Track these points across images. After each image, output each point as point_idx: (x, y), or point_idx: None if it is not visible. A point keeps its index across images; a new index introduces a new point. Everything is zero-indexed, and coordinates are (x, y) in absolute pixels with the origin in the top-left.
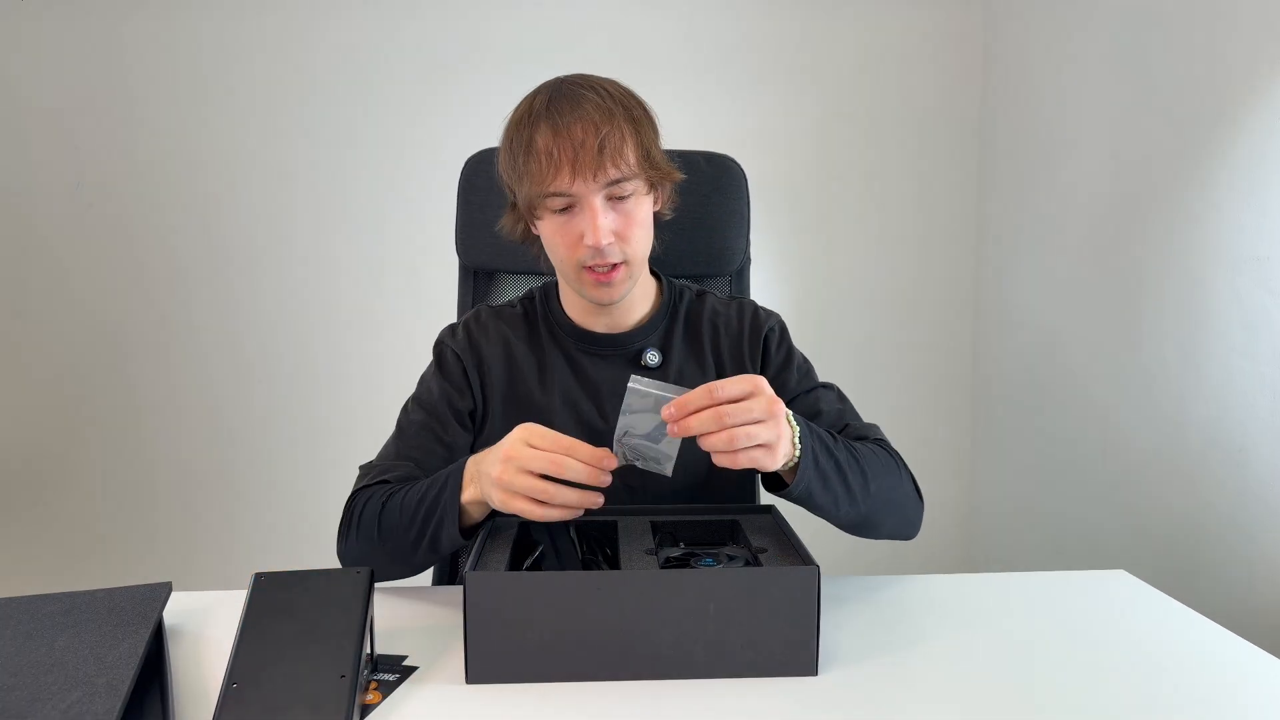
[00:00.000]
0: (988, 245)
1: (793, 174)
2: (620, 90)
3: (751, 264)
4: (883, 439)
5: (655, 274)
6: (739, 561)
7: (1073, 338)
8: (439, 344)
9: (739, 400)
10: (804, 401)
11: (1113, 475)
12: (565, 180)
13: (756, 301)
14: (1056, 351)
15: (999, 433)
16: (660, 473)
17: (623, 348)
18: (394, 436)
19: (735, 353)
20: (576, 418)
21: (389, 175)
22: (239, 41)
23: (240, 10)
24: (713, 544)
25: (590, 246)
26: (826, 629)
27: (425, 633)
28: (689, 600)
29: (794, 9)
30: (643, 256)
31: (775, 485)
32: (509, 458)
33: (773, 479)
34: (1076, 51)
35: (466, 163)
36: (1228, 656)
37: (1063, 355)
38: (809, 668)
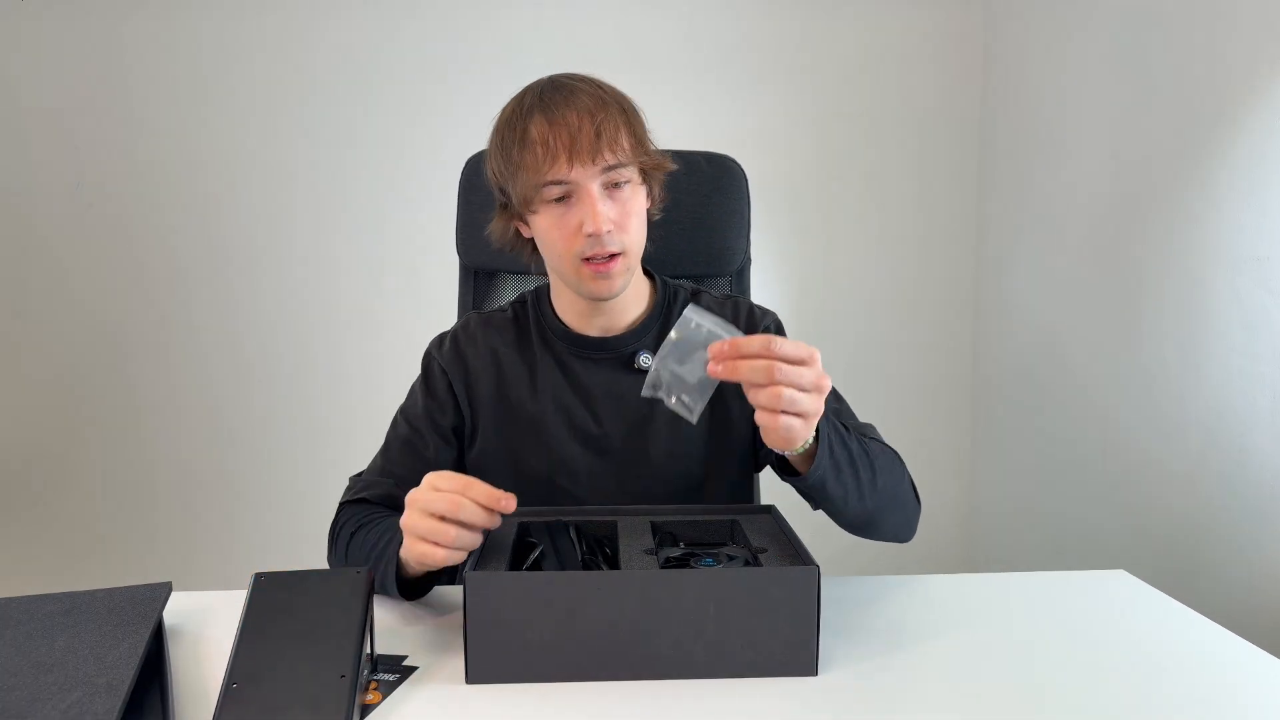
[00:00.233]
0: (987, 245)
1: (793, 174)
2: (609, 85)
3: (751, 264)
4: (878, 439)
5: (649, 274)
6: (739, 561)
7: (1073, 338)
8: (427, 356)
9: (793, 363)
10: None
11: (1113, 475)
12: (563, 167)
13: (753, 300)
14: (1056, 351)
15: (999, 433)
16: (685, 417)
17: (616, 351)
18: (380, 451)
19: None
20: (569, 423)
21: (389, 175)
22: (239, 41)
23: (240, 10)
24: (712, 544)
25: (589, 235)
26: (826, 629)
27: (425, 633)
28: (689, 600)
29: (794, 9)
30: (638, 248)
31: (783, 474)
32: (412, 501)
33: (782, 466)
34: (1076, 51)
35: (467, 163)
36: (1228, 656)
37: (1063, 355)
38: (809, 668)
